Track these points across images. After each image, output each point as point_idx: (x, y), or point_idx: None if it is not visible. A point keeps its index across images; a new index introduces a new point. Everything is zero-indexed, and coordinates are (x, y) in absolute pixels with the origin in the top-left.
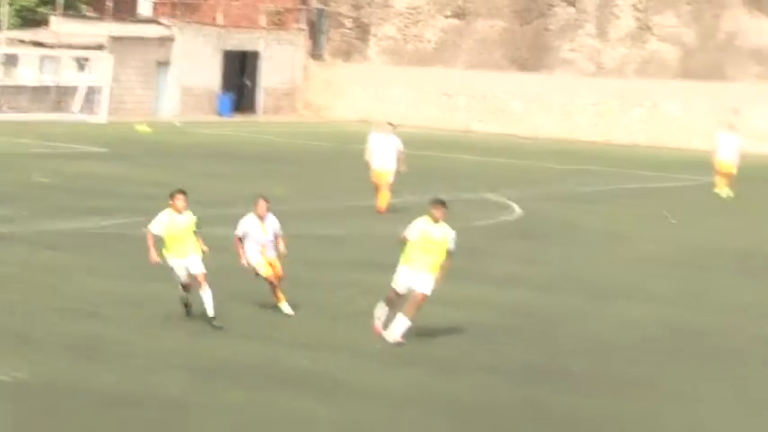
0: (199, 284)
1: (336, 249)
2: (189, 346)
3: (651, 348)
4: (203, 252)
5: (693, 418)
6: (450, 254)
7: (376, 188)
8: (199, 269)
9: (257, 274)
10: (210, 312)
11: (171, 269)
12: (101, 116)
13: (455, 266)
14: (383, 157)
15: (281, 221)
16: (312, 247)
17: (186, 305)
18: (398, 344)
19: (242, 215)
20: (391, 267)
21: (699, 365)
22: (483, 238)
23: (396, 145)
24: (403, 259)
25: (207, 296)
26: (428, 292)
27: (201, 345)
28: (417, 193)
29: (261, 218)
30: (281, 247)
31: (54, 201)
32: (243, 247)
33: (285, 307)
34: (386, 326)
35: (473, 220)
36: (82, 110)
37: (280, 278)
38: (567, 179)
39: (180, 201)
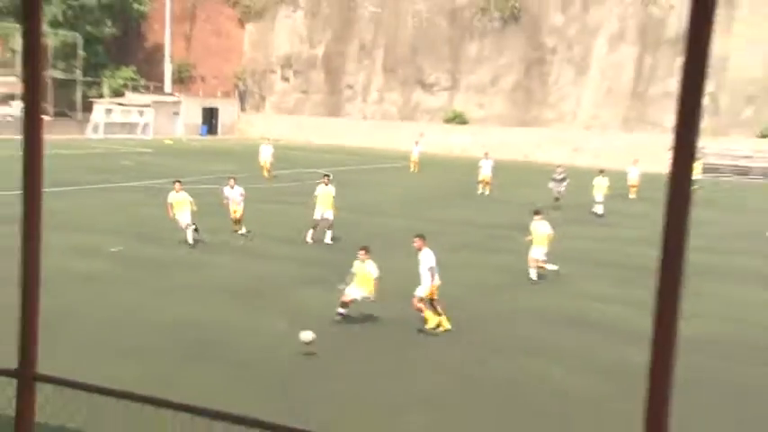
0: (188, 226)
1: (263, 194)
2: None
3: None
4: (193, 210)
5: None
6: (333, 198)
7: (264, 169)
8: (188, 221)
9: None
10: (191, 241)
11: (175, 218)
12: (150, 137)
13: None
14: (265, 154)
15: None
16: (211, 195)
17: (188, 236)
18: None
19: (215, 179)
20: (289, 203)
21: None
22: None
23: (271, 150)
24: (317, 203)
25: (190, 233)
26: (331, 217)
27: (185, 255)
28: (285, 169)
29: (231, 187)
30: (240, 207)
31: (132, 173)
32: (226, 200)
33: (242, 231)
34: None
35: (314, 179)
36: (141, 133)
37: (241, 217)
38: (355, 163)
39: (177, 185)
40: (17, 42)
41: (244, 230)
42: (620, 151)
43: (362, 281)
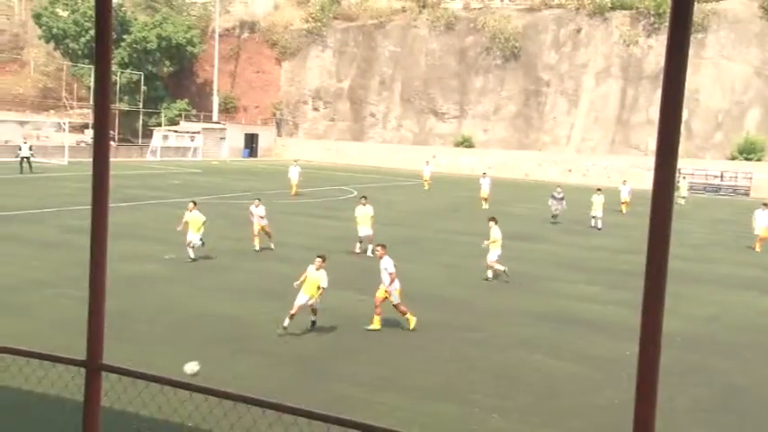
0: (191, 244)
1: (291, 207)
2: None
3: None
4: (203, 230)
5: None
6: (372, 216)
7: (292, 187)
8: (197, 241)
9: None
10: (192, 256)
11: (187, 236)
12: (199, 158)
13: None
14: (293, 174)
15: (263, 200)
16: (274, 208)
17: (190, 252)
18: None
19: (248, 196)
20: (312, 215)
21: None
22: (342, 203)
23: (299, 170)
24: (358, 223)
25: (191, 251)
26: (370, 233)
27: (227, 260)
28: (311, 187)
29: (257, 206)
30: (266, 223)
31: (183, 190)
32: (252, 217)
33: (271, 245)
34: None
35: (339, 196)
36: (192, 156)
37: (268, 232)
38: (375, 181)
39: (190, 205)
40: (91, 80)
41: (271, 245)
42: (608, 171)
43: (309, 287)
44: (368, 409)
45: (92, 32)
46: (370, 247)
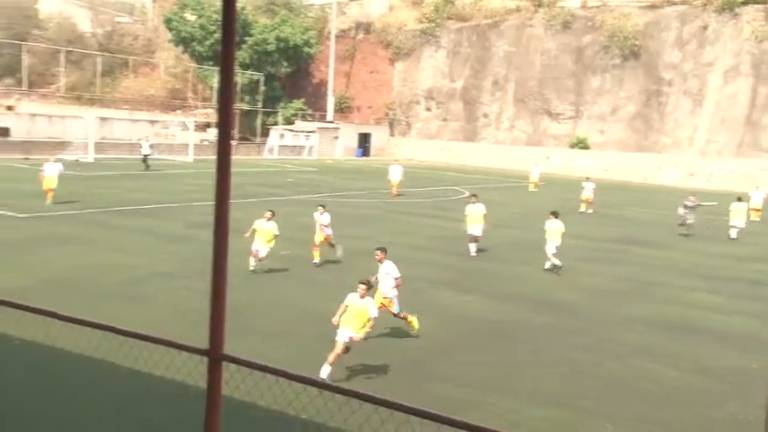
0: (258, 253)
1: (400, 207)
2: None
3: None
4: (273, 243)
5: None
6: (484, 215)
7: (392, 186)
8: (264, 253)
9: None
10: (252, 267)
11: (253, 245)
12: (314, 157)
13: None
14: (395, 174)
15: (373, 199)
16: (384, 207)
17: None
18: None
19: (363, 195)
20: (414, 214)
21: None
22: (451, 203)
23: (401, 170)
24: (468, 221)
25: (253, 261)
26: (478, 233)
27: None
28: (421, 187)
29: (321, 213)
30: (330, 233)
31: (297, 188)
32: (316, 226)
33: (338, 253)
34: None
35: (450, 196)
36: (307, 154)
37: (332, 243)
38: (485, 182)
39: (268, 214)
40: (215, 81)
41: (338, 254)
42: (734, 175)
43: (355, 318)
44: (478, 410)
45: (216, 36)
46: (474, 246)
